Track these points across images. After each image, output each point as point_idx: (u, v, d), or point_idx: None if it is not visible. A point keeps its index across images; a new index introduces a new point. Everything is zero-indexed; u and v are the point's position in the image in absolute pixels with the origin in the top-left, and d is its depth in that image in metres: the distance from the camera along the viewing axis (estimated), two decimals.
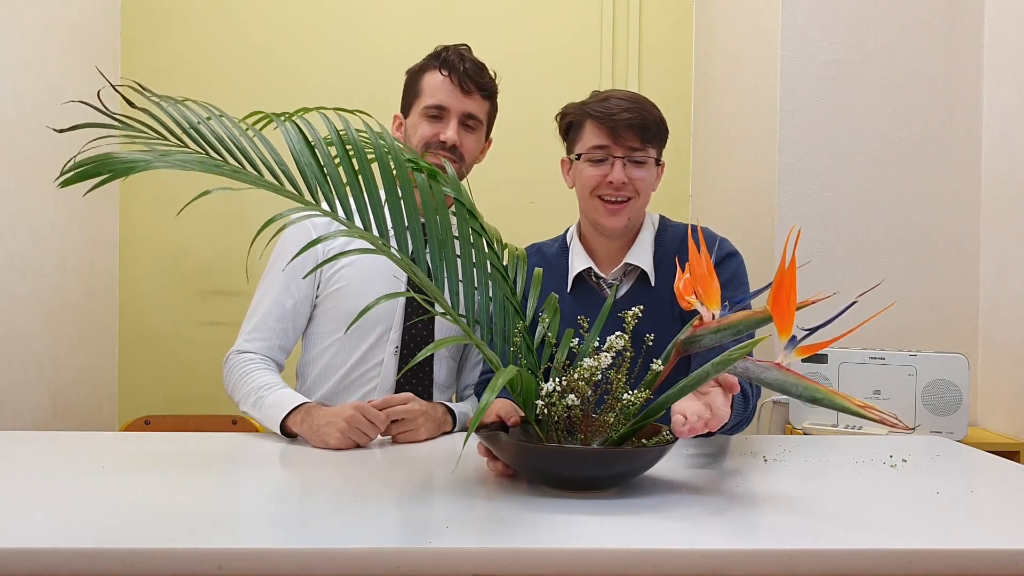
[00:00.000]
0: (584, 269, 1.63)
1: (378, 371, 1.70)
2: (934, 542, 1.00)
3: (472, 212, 1.27)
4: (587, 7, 2.92)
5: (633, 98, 1.57)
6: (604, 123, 1.55)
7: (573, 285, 1.64)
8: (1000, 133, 2.21)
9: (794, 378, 1.08)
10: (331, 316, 1.71)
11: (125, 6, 2.75)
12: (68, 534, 0.97)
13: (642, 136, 1.55)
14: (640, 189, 1.57)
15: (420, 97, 1.71)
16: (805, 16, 2.24)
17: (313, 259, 1.66)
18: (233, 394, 1.64)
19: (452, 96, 1.69)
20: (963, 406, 2.01)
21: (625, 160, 1.55)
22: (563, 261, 1.67)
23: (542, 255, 1.71)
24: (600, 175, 1.57)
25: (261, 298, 1.70)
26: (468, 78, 1.69)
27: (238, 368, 1.63)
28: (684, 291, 1.16)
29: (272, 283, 1.69)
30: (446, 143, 1.67)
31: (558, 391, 1.13)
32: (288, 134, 1.14)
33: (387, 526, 1.06)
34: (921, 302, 2.26)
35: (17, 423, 2.11)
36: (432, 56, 1.73)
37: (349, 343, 1.70)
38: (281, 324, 1.68)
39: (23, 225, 2.15)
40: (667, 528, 1.03)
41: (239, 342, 1.68)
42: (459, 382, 1.82)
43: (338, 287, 1.69)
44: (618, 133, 1.54)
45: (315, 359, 1.73)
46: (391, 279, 1.69)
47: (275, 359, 1.68)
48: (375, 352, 1.70)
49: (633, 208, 1.58)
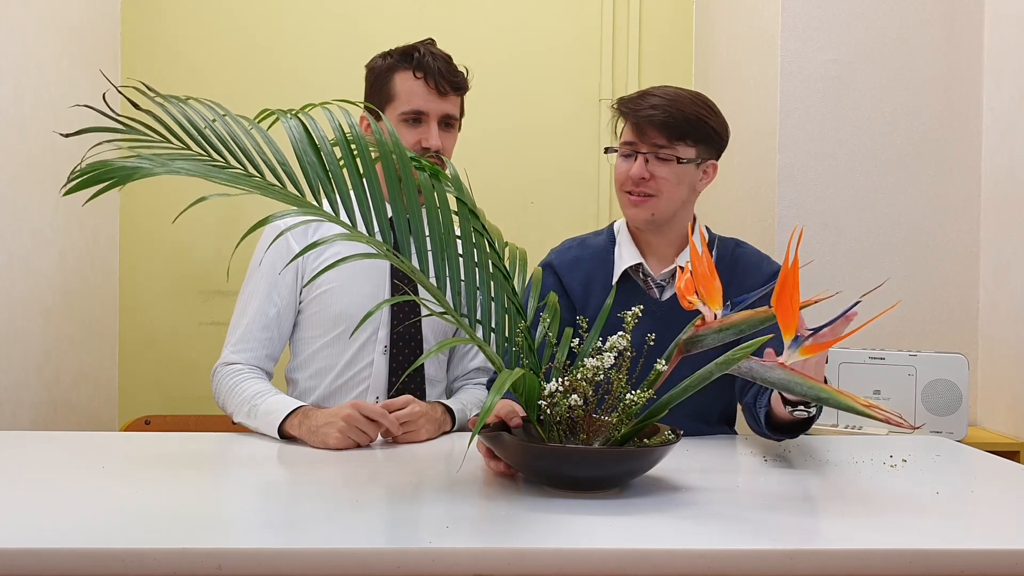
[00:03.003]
0: (633, 265, 1.62)
1: (369, 372, 1.69)
2: (934, 542, 1.00)
3: (474, 212, 1.27)
4: (587, 7, 2.92)
5: (669, 95, 1.55)
6: (631, 119, 1.56)
7: (619, 280, 1.62)
8: (1000, 133, 2.21)
9: (799, 378, 1.08)
10: (317, 320, 1.69)
11: (125, 6, 2.75)
12: (68, 534, 0.97)
13: (667, 133, 1.53)
14: (664, 186, 1.55)
15: (395, 101, 1.68)
16: (805, 16, 2.24)
17: (294, 266, 1.66)
18: (225, 407, 1.62)
19: (430, 100, 1.66)
20: (963, 406, 2.01)
21: (648, 156, 1.55)
22: (611, 253, 1.66)
23: (585, 247, 1.69)
24: (626, 170, 1.57)
25: (243, 308, 1.67)
26: (444, 79, 1.66)
27: (227, 380, 1.62)
28: (686, 291, 1.16)
29: (253, 292, 1.67)
30: (430, 149, 1.65)
31: (560, 391, 1.13)
32: (291, 132, 1.13)
33: (387, 526, 1.06)
34: (921, 302, 2.26)
35: (17, 423, 2.10)
36: (402, 56, 1.68)
37: (338, 346, 1.68)
38: (266, 333, 1.66)
39: (23, 225, 2.15)
40: (668, 528, 1.03)
41: (225, 354, 1.66)
42: (448, 375, 1.81)
43: (322, 290, 1.67)
44: (643, 129, 1.54)
45: (304, 364, 1.72)
46: (376, 278, 1.68)
47: (263, 368, 1.67)
48: (364, 353, 1.69)
49: (658, 205, 1.57)
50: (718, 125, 1.58)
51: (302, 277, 1.68)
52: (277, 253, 1.66)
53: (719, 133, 1.59)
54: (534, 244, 1.79)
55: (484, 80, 1.76)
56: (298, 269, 1.68)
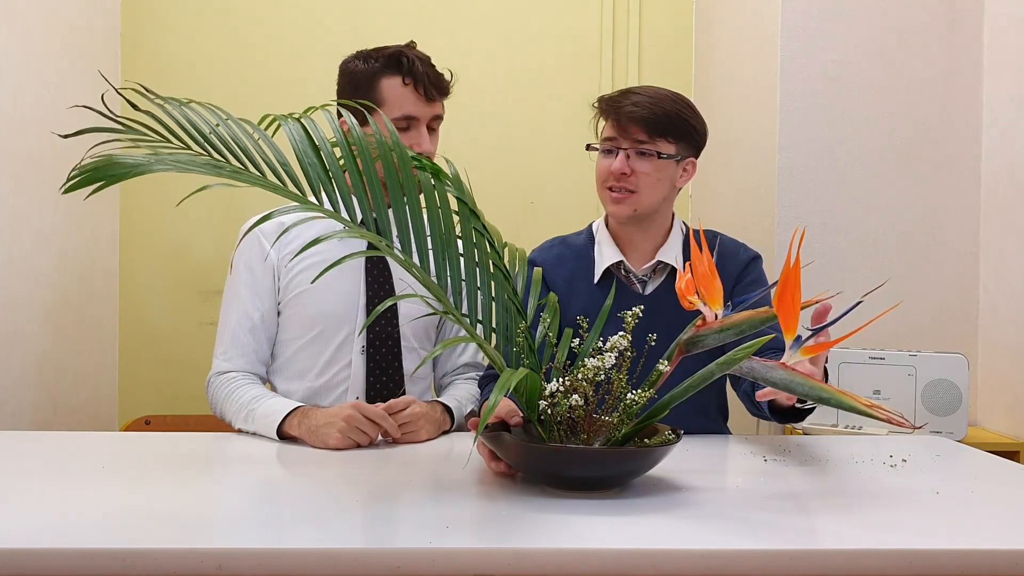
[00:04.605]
0: (615, 263, 1.64)
1: (347, 373, 1.68)
2: (934, 542, 1.00)
3: (474, 212, 1.27)
4: (587, 7, 2.92)
5: (651, 93, 1.58)
6: (612, 115, 1.58)
7: (600, 278, 1.64)
8: (1000, 133, 2.21)
9: (800, 378, 1.08)
10: (295, 322, 1.69)
11: (125, 6, 2.75)
12: (68, 534, 0.97)
13: (648, 129, 1.55)
14: (644, 182, 1.57)
15: (383, 107, 1.65)
16: (805, 16, 2.24)
17: (271, 269, 1.66)
18: (223, 415, 1.62)
19: (419, 106, 1.66)
20: (963, 406, 2.01)
21: (630, 152, 1.57)
22: (591, 252, 1.68)
23: (567, 245, 1.71)
24: (607, 165, 1.59)
25: (227, 315, 1.68)
26: (432, 85, 1.66)
27: (222, 389, 1.62)
28: (686, 291, 1.16)
29: (234, 299, 1.67)
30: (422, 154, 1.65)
31: (561, 391, 1.13)
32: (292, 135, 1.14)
33: (387, 526, 1.06)
34: (921, 302, 2.26)
35: (17, 423, 2.10)
36: (388, 62, 1.66)
37: (316, 347, 1.68)
38: (252, 337, 1.66)
39: (23, 225, 2.15)
40: (668, 528, 1.03)
41: (216, 363, 1.66)
42: (436, 371, 1.81)
43: (299, 291, 1.67)
44: (624, 126, 1.56)
45: (283, 367, 1.71)
46: (351, 277, 1.68)
47: (255, 372, 1.67)
48: (342, 354, 1.68)
49: (640, 200, 1.59)
50: (698, 123, 1.61)
51: (280, 278, 1.68)
52: (254, 257, 1.66)
53: (698, 131, 1.62)
54: (534, 244, 1.79)
55: (484, 80, 1.77)
56: (275, 270, 1.68)
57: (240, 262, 1.68)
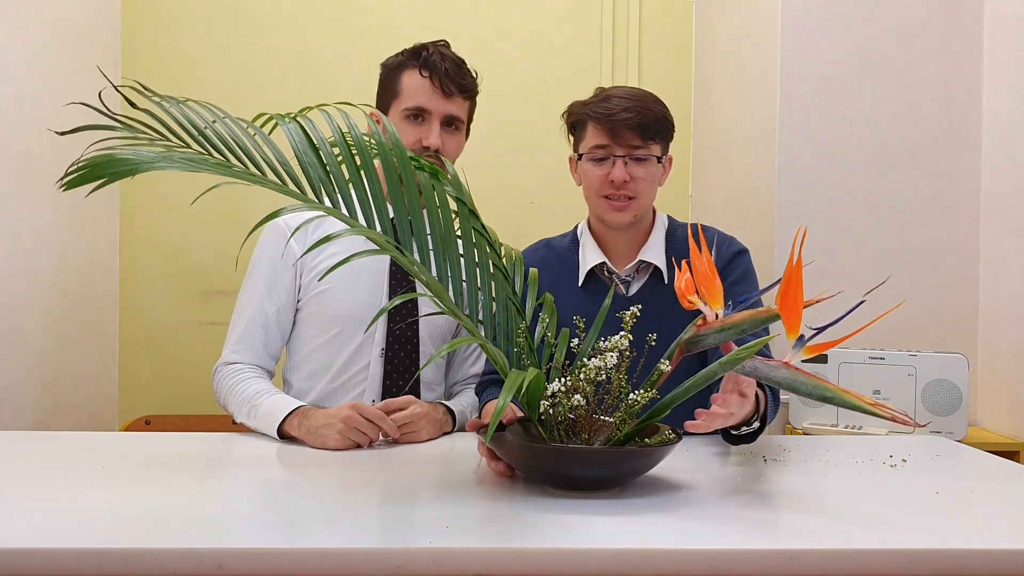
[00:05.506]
0: (597, 264, 1.64)
1: (365, 374, 1.67)
2: (934, 542, 1.00)
3: (473, 212, 1.27)
4: (587, 7, 2.92)
5: (634, 95, 1.58)
6: (604, 123, 1.56)
7: (584, 280, 1.64)
8: (1000, 133, 2.21)
9: (804, 377, 1.08)
10: (314, 320, 1.68)
11: (125, 6, 2.75)
12: (68, 534, 0.97)
13: (642, 134, 1.55)
14: (643, 187, 1.58)
15: (399, 98, 1.68)
16: (805, 16, 2.24)
17: (292, 263, 1.65)
18: (226, 406, 1.62)
19: (433, 99, 1.66)
20: (963, 406, 2.01)
21: (626, 158, 1.56)
22: (574, 255, 1.68)
23: (551, 248, 1.72)
24: (603, 174, 1.58)
25: (243, 307, 1.67)
26: (450, 80, 1.66)
27: (228, 380, 1.61)
28: (686, 290, 1.16)
29: (253, 291, 1.67)
30: (429, 148, 1.64)
31: (563, 391, 1.13)
32: (291, 135, 1.14)
33: (388, 526, 1.06)
34: (921, 302, 2.26)
35: (17, 423, 2.10)
36: (411, 54, 1.69)
37: (334, 347, 1.67)
38: (265, 331, 1.66)
39: (23, 225, 2.15)
40: (668, 528, 1.03)
41: (225, 353, 1.66)
42: (447, 379, 1.81)
43: (320, 290, 1.66)
44: (618, 132, 1.55)
45: (300, 365, 1.71)
46: (374, 279, 1.68)
47: (264, 367, 1.66)
48: (361, 355, 1.67)
49: (640, 205, 1.59)
50: (672, 120, 1.62)
51: (301, 275, 1.68)
52: (276, 251, 1.66)
53: (673, 127, 1.63)
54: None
55: (484, 80, 1.76)
56: (297, 267, 1.67)
57: (262, 255, 1.68)
